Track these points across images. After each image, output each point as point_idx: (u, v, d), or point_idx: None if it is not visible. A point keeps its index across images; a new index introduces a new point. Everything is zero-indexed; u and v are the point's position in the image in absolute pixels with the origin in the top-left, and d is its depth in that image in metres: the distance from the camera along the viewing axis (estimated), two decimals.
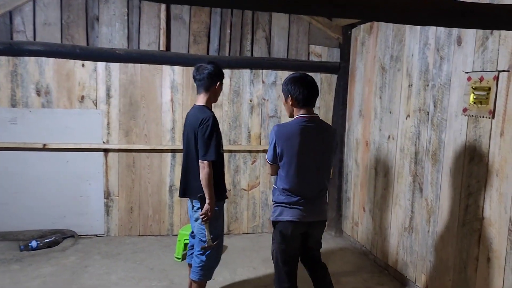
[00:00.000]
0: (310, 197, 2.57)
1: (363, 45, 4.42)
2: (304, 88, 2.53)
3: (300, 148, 2.49)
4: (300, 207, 2.55)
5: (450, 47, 3.07)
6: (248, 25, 4.57)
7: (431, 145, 3.28)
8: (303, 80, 2.55)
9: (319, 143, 2.54)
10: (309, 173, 2.54)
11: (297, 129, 2.50)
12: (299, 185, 2.53)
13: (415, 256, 3.47)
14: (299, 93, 2.52)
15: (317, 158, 2.55)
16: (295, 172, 2.51)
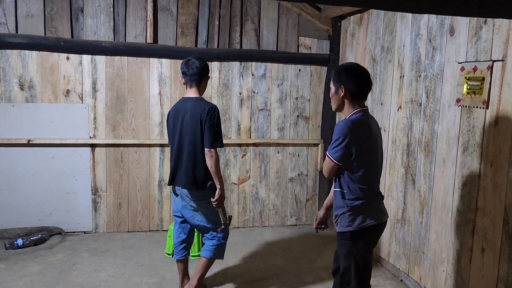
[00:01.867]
0: (381, 195, 2.41)
1: (353, 37, 4.38)
2: (361, 79, 2.31)
3: (374, 144, 2.33)
4: (381, 208, 2.39)
5: (443, 37, 3.05)
6: (236, 17, 4.50)
7: (423, 136, 3.26)
8: (359, 71, 2.33)
9: (378, 138, 2.40)
10: (378, 170, 2.39)
11: (368, 124, 2.33)
12: (376, 184, 2.36)
13: (408, 248, 3.47)
14: (354, 85, 2.28)
15: (379, 154, 2.40)
16: (373, 170, 2.32)
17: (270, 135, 4.73)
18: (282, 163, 4.81)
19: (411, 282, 3.40)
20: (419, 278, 3.32)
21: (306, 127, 4.84)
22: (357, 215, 2.28)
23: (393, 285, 3.48)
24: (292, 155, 4.83)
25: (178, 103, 3.05)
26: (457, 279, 2.91)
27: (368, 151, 2.29)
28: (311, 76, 4.79)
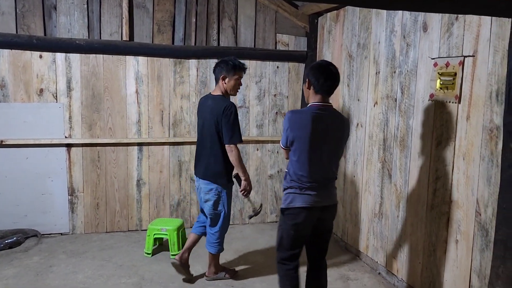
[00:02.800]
0: (321, 183, 2.55)
1: (330, 34, 4.42)
2: (322, 75, 2.49)
3: (311, 134, 2.47)
4: (313, 192, 2.53)
5: (416, 34, 3.10)
6: (213, 14, 4.48)
7: (399, 131, 3.32)
8: (323, 68, 2.53)
9: (329, 131, 2.51)
10: (318, 159, 2.52)
11: (309, 116, 2.49)
12: (310, 171, 2.51)
13: (385, 241, 3.53)
14: (315, 80, 2.50)
15: (326, 146, 2.52)
16: (306, 158, 2.50)
17: (249, 132, 4.73)
18: (261, 160, 4.82)
19: (389, 275, 3.46)
20: (396, 271, 3.38)
21: None
22: (289, 195, 2.56)
23: (371, 278, 3.54)
24: (271, 152, 4.84)
25: (203, 98, 3.39)
26: (432, 271, 2.98)
27: (306, 140, 2.48)
28: (289, 73, 4.81)
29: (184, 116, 4.52)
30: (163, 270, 3.60)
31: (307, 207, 2.52)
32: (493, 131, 2.46)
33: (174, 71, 4.45)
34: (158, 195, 4.55)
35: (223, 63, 3.22)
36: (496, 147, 2.43)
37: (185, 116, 4.53)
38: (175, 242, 3.87)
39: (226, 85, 3.21)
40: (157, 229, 3.90)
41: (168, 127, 4.50)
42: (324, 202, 2.57)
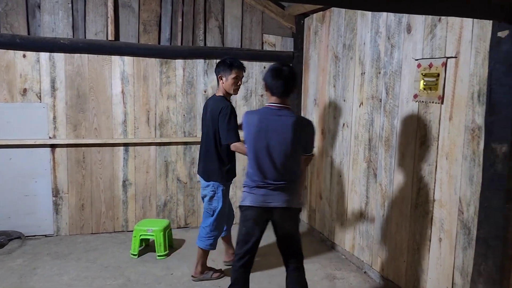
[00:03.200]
0: (272, 184, 2.55)
1: (316, 34, 4.45)
2: (274, 77, 2.54)
3: (258, 135, 2.53)
4: (261, 192, 2.56)
5: (400, 35, 3.14)
6: (200, 14, 4.47)
7: (384, 131, 3.36)
8: (276, 70, 2.56)
9: (278, 133, 2.51)
10: (267, 160, 2.53)
11: (261, 116, 2.56)
12: (259, 170, 2.56)
13: (371, 240, 3.56)
14: (269, 81, 2.56)
15: (276, 147, 2.52)
16: (254, 157, 2.57)
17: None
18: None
19: (374, 274, 3.50)
20: (382, 269, 3.41)
21: None
22: (243, 193, 2.67)
23: (357, 277, 3.57)
24: None
25: (208, 99, 3.52)
26: (417, 269, 3.02)
27: (253, 140, 2.56)
28: None
29: (171, 117, 4.51)
30: (149, 271, 3.58)
31: (253, 206, 2.57)
32: (475, 131, 2.50)
33: (161, 71, 4.43)
34: (145, 196, 4.52)
35: (220, 62, 3.32)
36: (478, 146, 2.48)
37: (172, 117, 4.51)
38: (161, 243, 3.85)
39: (224, 85, 3.30)
40: (143, 230, 3.88)
41: (155, 128, 4.48)
42: (274, 203, 2.55)
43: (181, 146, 4.57)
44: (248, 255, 2.67)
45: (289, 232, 2.66)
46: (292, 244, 2.68)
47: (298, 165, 2.64)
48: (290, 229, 2.65)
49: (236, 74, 3.27)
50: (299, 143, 2.57)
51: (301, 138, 2.57)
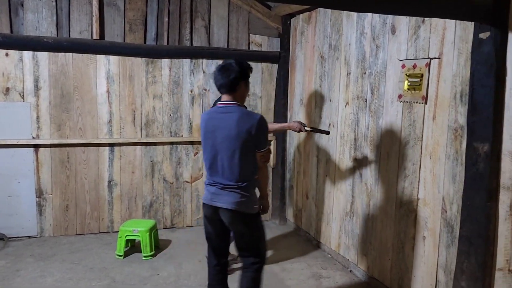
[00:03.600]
0: (219, 183, 2.52)
1: (302, 35, 4.47)
2: (217, 75, 2.52)
3: (205, 134, 2.55)
4: (211, 190, 2.55)
5: (385, 36, 3.17)
6: (186, 14, 4.45)
7: (369, 131, 3.39)
8: (218, 68, 2.53)
9: (227, 130, 2.46)
10: (215, 159, 2.52)
11: (210, 115, 2.58)
12: (209, 169, 2.57)
13: (356, 239, 3.59)
14: (214, 81, 2.56)
15: (224, 145, 2.47)
16: (205, 156, 2.59)
17: None
18: None
19: (360, 272, 3.53)
20: (367, 268, 3.44)
21: None
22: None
23: (343, 275, 3.59)
24: None
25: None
26: (401, 267, 3.05)
27: (204, 140, 2.58)
28: (262, 73, 4.83)
29: (157, 116, 4.48)
30: (134, 272, 3.56)
31: (205, 204, 2.59)
32: (457, 130, 2.54)
33: (146, 71, 4.40)
34: (130, 196, 4.49)
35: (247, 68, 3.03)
36: (460, 146, 2.52)
37: (158, 116, 4.48)
38: (147, 244, 3.82)
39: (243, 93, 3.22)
40: (129, 231, 3.85)
41: (140, 127, 4.45)
42: (219, 203, 2.51)
43: (167, 146, 4.54)
44: (215, 254, 2.69)
45: (238, 235, 2.59)
46: (241, 245, 2.62)
47: (250, 164, 2.53)
48: (239, 232, 2.58)
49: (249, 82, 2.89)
50: (247, 140, 2.45)
51: (248, 134, 2.44)
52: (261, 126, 2.49)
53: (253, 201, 2.56)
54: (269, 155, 2.69)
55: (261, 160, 2.61)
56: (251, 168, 2.55)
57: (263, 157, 2.61)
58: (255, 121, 2.46)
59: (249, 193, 2.53)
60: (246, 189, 2.51)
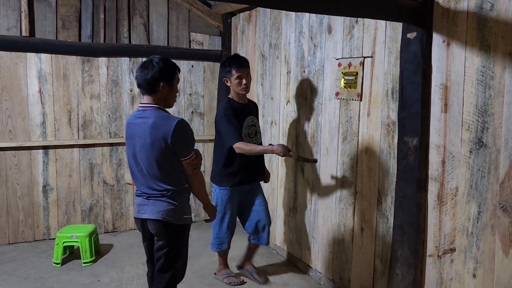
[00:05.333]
0: (144, 194, 2.34)
1: (243, 34, 4.49)
2: (136, 73, 2.33)
3: (129, 141, 2.35)
4: (137, 202, 2.39)
5: (322, 35, 3.27)
6: (123, 11, 4.32)
7: (309, 128, 3.47)
8: (139, 66, 2.34)
9: (143, 137, 2.26)
10: (135, 167, 2.34)
11: (129, 120, 2.38)
12: (134, 179, 2.40)
13: (300, 235, 3.67)
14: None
15: (142, 153, 2.28)
16: (129, 165, 2.42)
17: None
18: None
19: (304, 266, 3.61)
20: (311, 262, 3.53)
21: (201, 124, 4.85)
22: None
23: (287, 270, 3.65)
24: None
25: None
26: (342, 258, 3.16)
27: (127, 148, 2.40)
28: (204, 72, 4.80)
29: (95, 117, 4.31)
30: (74, 280, 3.41)
31: (135, 218, 2.44)
32: (390, 126, 2.67)
33: (82, 70, 4.22)
34: (68, 201, 4.29)
35: (221, 66, 3.28)
36: (392, 140, 2.65)
37: (96, 117, 4.31)
38: (87, 249, 3.67)
39: (231, 87, 3.17)
40: (67, 237, 3.68)
41: (77, 129, 4.26)
42: (145, 214, 2.32)
43: (106, 148, 4.39)
44: (151, 266, 2.47)
45: (161, 246, 2.35)
46: (159, 258, 2.37)
47: (176, 172, 2.31)
48: (161, 243, 2.34)
49: (238, 73, 3.08)
50: (165, 148, 2.22)
51: (164, 142, 2.21)
52: (179, 132, 2.23)
53: (182, 211, 2.35)
54: (197, 162, 2.38)
55: (189, 168, 2.33)
56: (178, 177, 2.33)
57: (190, 165, 2.33)
58: (171, 127, 2.21)
59: (178, 202, 2.32)
60: (173, 198, 2.30)
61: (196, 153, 2.36)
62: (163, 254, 2.35)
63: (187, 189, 2.40)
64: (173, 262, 2.38)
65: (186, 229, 2.42)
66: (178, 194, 2.33)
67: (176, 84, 2.38)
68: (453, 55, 2.22)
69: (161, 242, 2.34)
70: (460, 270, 2.25)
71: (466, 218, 2.20)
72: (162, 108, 2.32)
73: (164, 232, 2.32)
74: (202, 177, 2.46)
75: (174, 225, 2.32)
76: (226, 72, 3.14)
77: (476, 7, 2.09)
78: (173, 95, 2.40)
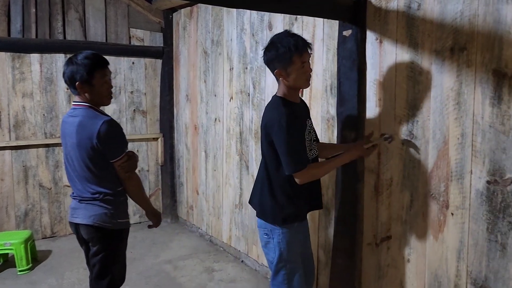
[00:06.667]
0: (77, 197, 2.24)
1: (185, 30, 4.43)
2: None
3: (62, 141, 2.26)
4: (71, 206, 2.29)
5: (263, 32, 3.30)
6: (57, 5, 4.12)
7: (253, 124, 3.50)
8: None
9: (70, 137, 2.18)
10: (70, 169, 2.24)
11: (63, 119, 2.27)
12: (68, 181, 2.29)
13: (246, 230, 3.70)
14: None
15: (71, 154, 2.20)
16: (64, 165, 2.32)
17: None
18: None
19: (251, 261, 3.64)
20: (257, 256, 3.57)
21: (144, 122, 4.74)
22: None
23: (234, 266, 3.67)
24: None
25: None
26: None
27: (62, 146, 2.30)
28: (145, 69, 4.69)
29: (28, 117, 4.08)
30: None
31: (69, 221, 2.31)
32: (329, 120, 2.75)
33: (13, 67, 3.98)
34: (0, 206, 4.03)
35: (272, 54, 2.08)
36: (332, 134, 2.73)
37: (29, 117, 4.08)
38: (22, 257, 3.48)
39: (287, 81, 2.09)
40: (0, 245, 3.46)
41: (9, 130, 4.01)
42: (77, 219, 2.22)
43: (42, 149, 4.17)
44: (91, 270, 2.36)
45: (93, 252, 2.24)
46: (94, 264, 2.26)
47: (108, 175, 2.20)
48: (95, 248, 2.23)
49: (303, 59, 2.05)
50: (92, 149, 2.12)
51: (90, 142, 2.11)
52: (105, 132, 2.10)
53: (116, 215, 2.22)
54: (130, 164, 2.22)
55: (121, 171, 2.19)
56: (110, 179, 2.21)
57: (122, 168, 2.18)
58: (97, 127, 2.09)
59: (111, 205, 2.20)
60: (106, 201, 2.19)
61: (129, 155, 2.21)
62: (98, 260, 2.23)
63: (122, 192, 2.27)
64: (109, 268, 2.26)
65: (122, 233, 2.30)
66: (112, 197, 2.21)
67: (98, 83, 2.18)
68: (385, 52, 2.33)
69: (95, 248, 2.23)
70: (396, 256, 2.37)
71: (400, 206, 2.32)
72: (93, 107, 2.19)
73: (97, 238, 2.21)
74: (137, 181, 2.31)
75: (108, 230, 2.20)
76: (282, 61, 2.04)
77: (405, 7, 2.20)
78: (102, 93, 2.21)
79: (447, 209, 2.09)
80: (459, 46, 1.98)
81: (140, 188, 2.33)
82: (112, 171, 2.19)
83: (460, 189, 2.02)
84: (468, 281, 2.02)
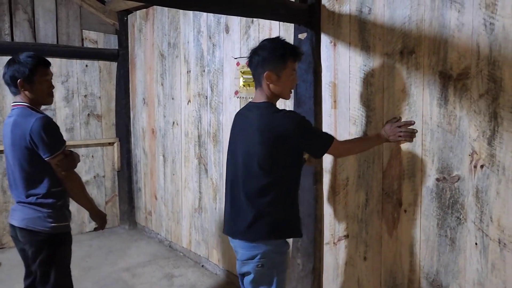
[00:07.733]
0: (17, 197, 2.20)
1: (141, 32, 4.35)
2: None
3: (3, 141, 2.22)
4: (12, 207, 2.24)
5: (220, 35, 3.29)
6: (4, 5, 3.92)
7: (211, 127, 3.48)
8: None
9: (7, 139, 2.15)
10: (9, 170, 2.22)
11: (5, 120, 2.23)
12: (9, 185, 2.27)
13: (206, 234, 3.66)
14: None
15: (10, 156, 2.18)
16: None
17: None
18: None
19: (211, 266, 3.61)
20: (218, 260, 3.54)
21: (99, 126, 4.60)
22: None
23: (195, 271, 3.63)
24: (85, 157, 4.51)
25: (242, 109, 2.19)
26: None
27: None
28: (100, 72, 4.56)
29: None
30: None
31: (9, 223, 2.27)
32: None
33: None
34: None
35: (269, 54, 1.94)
36: None
37: None
38: None
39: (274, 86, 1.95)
40: None
41: None
42: (13, 221, 2.19)
43: None
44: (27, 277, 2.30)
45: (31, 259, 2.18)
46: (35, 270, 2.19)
47: (44, 174, 2.13)
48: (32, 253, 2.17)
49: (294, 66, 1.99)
50: (26, 147, 2.08)
51: (24, 141, 2.08)
52: (39, 129, 2.06)
53: (50, 218, 2.14)
54: (68, 162, 2.15)
55: (58, 170, 2.12)
56: (45, 180, 2.14)
57: (58, 166, 2.11)
58: (30, 125, 2.06)
59: (46, 208, 2.13)
60: (39, 204, 2.13)
61: (66, 153, 2.14)
62: (37, 266, 2.17)
63: (58, 194, 2.18)
64: (48, 274, 2.18)
65: (61, 238, 2.21)
66: (47, 199, 2.14)
67: (39, 81, 2.14)
68: (339, 55, 2.39)
69: (30, 252, 2.17)
70: (352, 254, 2.42)
71: (356, 205, 2.38)
72: (30, 106, 2.14)
73: (31, 242, 2.15)
74: (77, 181, 2.23)
75: (42, 233, 2.13)
76: (276, 63, 1.92)
77: (357, 11, 2.26)
78: (42, 91, 2.17)
79: (401, 207, 2.16)
80: (408, 49, 2.06)
81: (81, 188, 2.27)
82: (48, 171, 2.13)
83: (412, 187, 2.10)
84: (421, 276, 2.09)
